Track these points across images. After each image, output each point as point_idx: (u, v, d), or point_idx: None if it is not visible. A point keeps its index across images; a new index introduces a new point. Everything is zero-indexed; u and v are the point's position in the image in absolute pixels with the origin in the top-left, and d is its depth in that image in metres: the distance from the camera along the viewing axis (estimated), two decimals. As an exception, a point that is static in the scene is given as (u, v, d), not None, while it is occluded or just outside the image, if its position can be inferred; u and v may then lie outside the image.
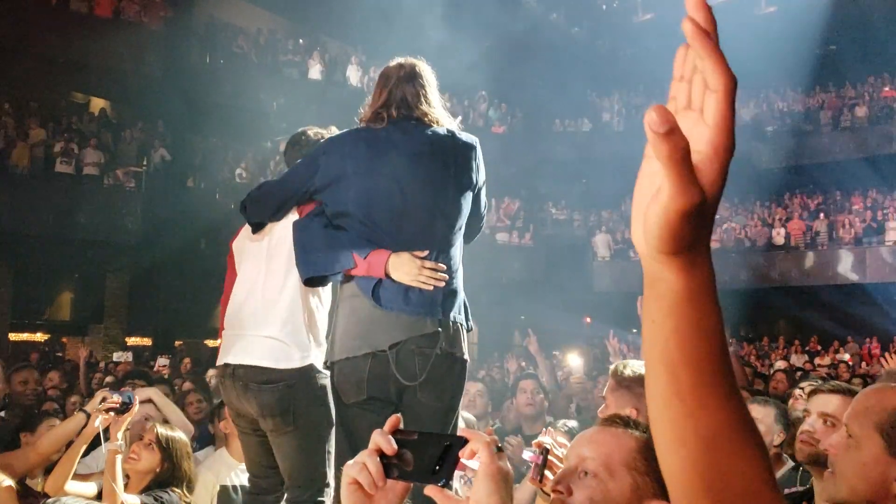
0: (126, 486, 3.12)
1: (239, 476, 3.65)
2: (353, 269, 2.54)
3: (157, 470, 3.21)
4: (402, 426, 1.13)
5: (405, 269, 2.47)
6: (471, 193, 2.68)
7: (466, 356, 2.61)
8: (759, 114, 22.61)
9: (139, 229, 15.99)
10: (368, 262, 2.49)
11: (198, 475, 3.65)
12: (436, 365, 2.48)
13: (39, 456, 3.25)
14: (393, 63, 2.73)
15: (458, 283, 2.62)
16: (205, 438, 4.54)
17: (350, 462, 1.09)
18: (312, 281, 2.63)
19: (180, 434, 3.37)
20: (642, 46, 22.81)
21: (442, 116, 2.68)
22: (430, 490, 1.07)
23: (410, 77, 2.67)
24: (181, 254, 16.13)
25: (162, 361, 8.93)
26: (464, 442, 1.09)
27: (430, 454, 1.07)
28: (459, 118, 2.85)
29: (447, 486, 1.06)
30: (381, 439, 1.08)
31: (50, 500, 1.90)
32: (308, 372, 2.70)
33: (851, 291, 18.63)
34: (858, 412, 1.53)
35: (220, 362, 2.83)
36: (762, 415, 3.45)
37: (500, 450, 1.14)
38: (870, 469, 1.46)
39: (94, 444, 4.00)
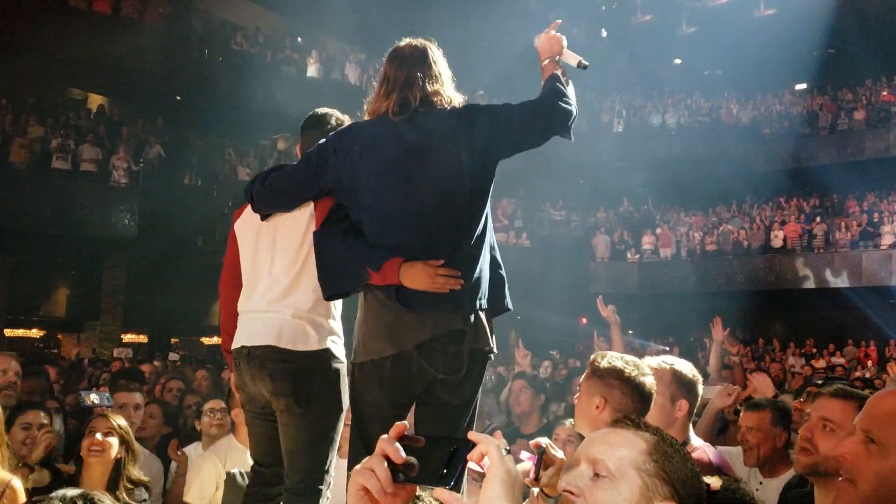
0: (91, 476, 3.19)
1: (247, 462, 3.67)
2: (369, 280, 2.53)
3: (119, 456, 3.28)
4: (407, 432, 1.13)
5: (418, 278, 2.44)
6: (494, 156, 2.61)
7: (491, 346, 2.56)
8: (757, 116, 22.63)
9: (136, 226, 15.96)
10: (382, 274, 2.47)
11: (205, 460, 3.71)
12: (462, 362, 2.47)
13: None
14: (403, 43, 2.69)
15: (484, 269, 2.56)
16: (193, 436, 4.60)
17: (357, 468, 1.10)
18: (333, 297, 2.65)
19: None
20: (641, 47, 22.86)
21: (453, 96, 2.65)
22: (438, 493, 1.08)
23: (422, 56, 2.64)
24: (178, 251, 16.13)
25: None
26: (471, 445, 1.10)
27: (438, 457, 1.08)
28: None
29: (456, 488, 1.06)
30: (388, 446, 1.09)
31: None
32: (324, 355, 2.69)
33: (847, 295, 18.67)
34: (883, 418, 1.48)
35: (235, 345, 2.81)
36: (756, 422, 3.41)
37: (508, 452, 1.15)
38: None
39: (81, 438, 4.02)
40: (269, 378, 2.67)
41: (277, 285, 2.74)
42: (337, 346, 2.76)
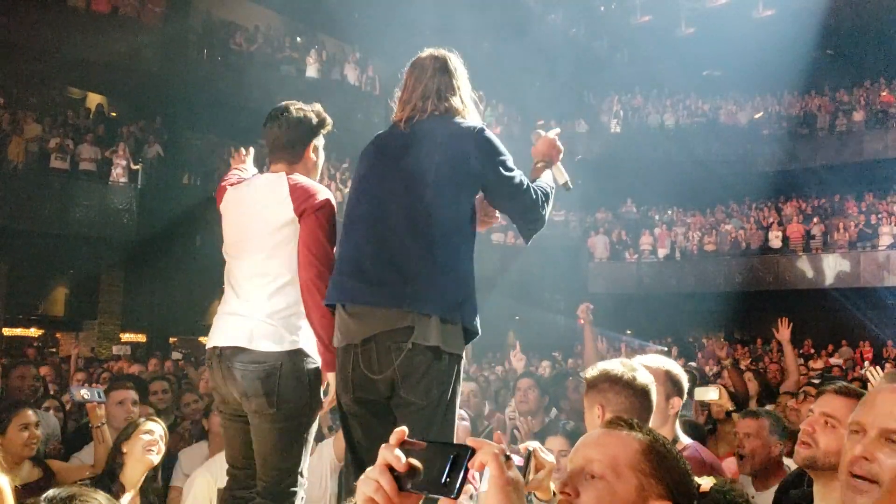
0: (136, 473, 3.21)
1: None
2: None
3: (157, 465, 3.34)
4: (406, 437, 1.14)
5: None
6: (467, 184, 2.56)
7: (454, 349, 2.48)
8: (756, 117, 22.66)
9: (134, 225, 15.95)
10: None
11: (197, 476, 3.72)
12: (411, 359, 2.42)
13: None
14: (425, 54, 2.72)
15: (439, 275, 2.46)
16: (197, 434, 4.58)
17: (363, 478, 1.11)
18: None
19: None
20: (640, 48, 22.85)
21: (469, 109, 2.68)
22: (442, 502, 1.09)
23: (440, 69, 2.67)
24: (176, 250, 16.11)
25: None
26: (471, 452, 1.10)
27: (439, 465, 1.08)
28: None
29: (457, 497, 1.07)
30: (390, 455, 1.10)
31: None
32: (296, 355, 2.70)
33: (845, 295, 18.69)
34: None
35: (209, 345, 2.83)
36: (755, 429, 3.42)
37: (508, 458, 1.15)
38: None
39: (85, 439, 4.01)
40: (239, 378, 2.68)
41: (249, 285, 2.76)
42: (310, 345, 2.75)
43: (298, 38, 20.79)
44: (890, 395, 1.57)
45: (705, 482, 1.77)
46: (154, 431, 3.26)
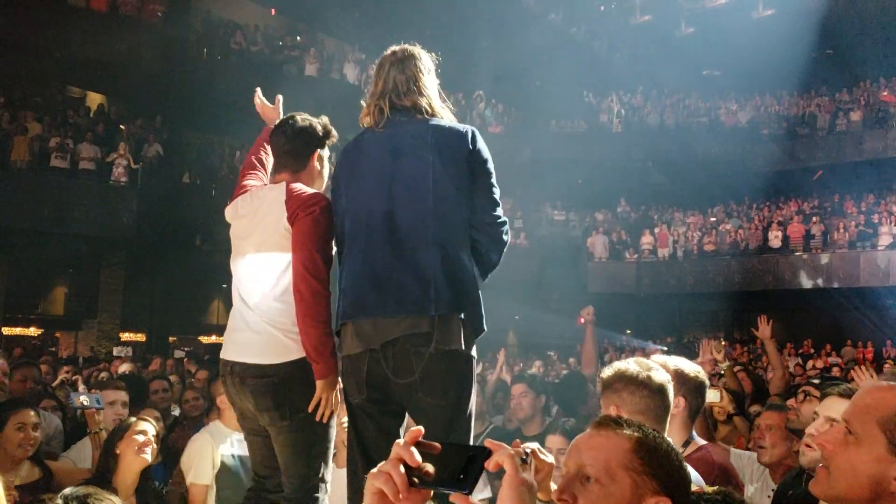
0: (130, 474, 3.20)
1: (234, 445, 3.77)
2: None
3: (150, 464, 3.30)
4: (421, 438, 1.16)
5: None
6: (464, 186, 2.53)
7: (470, 352, 2.50)
8: (755, 116, 22.66)
9: (134, 224, 15.94)
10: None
11: (197, 440, 3.79)
12: (432, 363, 2.41)
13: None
14: (388, 51, 2.69)
15: (455, 274, 2.47)
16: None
17: (374, 471, 1.12)
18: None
19: None
20: (639, 48, 22.87)
21: (435, 104, 2.63)
22: (455, 497, 1.11)
23: (402, 63, 2.62)
24: (176, 249, 16.11)
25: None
26: (488, 453, 1.12)
27: (455, 464, 1.11)
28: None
29: (470, 493, 1.09)
30: (404, 451, 1.11)
31: (68, 491, 1.92)
32: (304, 365, 2.69)
33: (845, 295, 18.69)
34: (860, 410, 1.52)
35: (222, 356, 2.85)
36: (777, 421, 3.45)
37: (524, 461, 1.17)
38: (870, 467, 1.45)
39: (79, 436, 4.01)
40: (250, 394, 2.71)
41: (257, 298, 2.76)
42: None
43: (298, 38, 20.81)
44: (863, 390, 1.61)
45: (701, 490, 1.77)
46: (147, 431, 3.24)
